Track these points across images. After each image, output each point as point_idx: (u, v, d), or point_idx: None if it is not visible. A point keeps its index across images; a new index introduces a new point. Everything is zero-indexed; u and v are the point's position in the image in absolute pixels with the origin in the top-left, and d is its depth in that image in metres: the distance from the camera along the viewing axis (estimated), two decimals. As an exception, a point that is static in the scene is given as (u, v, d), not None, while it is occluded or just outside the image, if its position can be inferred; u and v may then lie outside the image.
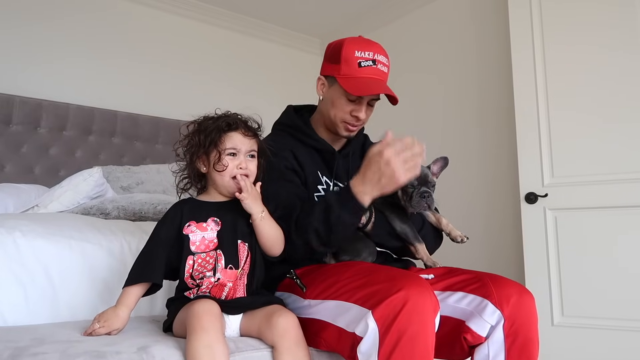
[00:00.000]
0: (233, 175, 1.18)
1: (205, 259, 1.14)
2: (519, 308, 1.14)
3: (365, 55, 1.28)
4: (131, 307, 1.11)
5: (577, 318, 2.18)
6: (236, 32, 3.57)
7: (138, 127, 2.95)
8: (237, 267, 1.15)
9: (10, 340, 1.01)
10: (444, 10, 3.20)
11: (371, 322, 0.97)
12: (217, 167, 1.18)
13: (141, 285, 1.13)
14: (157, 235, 1.17)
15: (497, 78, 2.84)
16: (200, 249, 1.14)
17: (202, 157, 1.20)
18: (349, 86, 1.27)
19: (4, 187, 2.21)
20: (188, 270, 1.13)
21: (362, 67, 1.27)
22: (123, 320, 1.09)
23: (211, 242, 1.15)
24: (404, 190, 1.28)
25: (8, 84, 2.59)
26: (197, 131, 1.21)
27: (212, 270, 1.13)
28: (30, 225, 1.39)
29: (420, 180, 1.28)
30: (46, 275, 1.33)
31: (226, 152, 1.18)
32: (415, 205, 1.28)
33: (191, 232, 1.15)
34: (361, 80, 1.28)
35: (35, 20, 2.75)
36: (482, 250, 2.81)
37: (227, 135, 1.19)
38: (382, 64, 1.30)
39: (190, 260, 1.13)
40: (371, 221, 1.29)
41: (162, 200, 2.09)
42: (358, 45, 1.30)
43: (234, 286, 1.15)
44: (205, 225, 1.17)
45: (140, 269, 1.13)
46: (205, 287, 1.13)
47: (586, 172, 2.21)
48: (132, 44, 3.09)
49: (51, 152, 2.66)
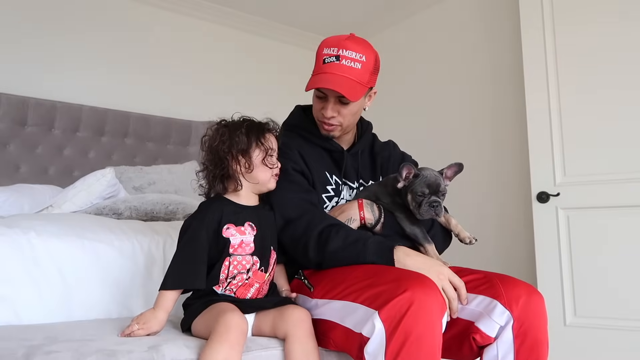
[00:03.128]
0: (275, 174, 1.24)
1: (241, 262, 1.16)
2: (528, 308, 1.13)
3: (329, 52, 1.29)
4: (169, 310, 1.12)
5: (590, 318, 2.16)
6: (246, 32, 3.59)
7: (150, 128, 2.99)
8: (266, 272, 1.19)
9: (24, 338, 1.03)
10: (453, 9, 3.19)
11: (378, 323, 0.98)
12: (269, 163, 1.20)
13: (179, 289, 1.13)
14: (197, 237, 1.14)
15: (507, 76, 2.82)
16: (237, 252, 1.16)
17: (239, 156, 1.19)
18: (309, 82, 1.30)
19: (20, 187, 2.26)
20: (224, 271, 1.15)
21: (326, 63, 1.28)
22: (161, 323, 1.11)
23: (248, 246, 1.17)
24: (413, 197, 1.27)
25: (23, 86, 2.64)
26: (237, 130, 1.20)
27: (246, 272, 1.16)
28: (44, 225, 1.42)
29: (431, 189, 1.26)
30: (60, 275, 1.36)
31: (271, 151, 1.22)
32: (423, 214, 1.26)
33: (231, 236, 1.16)
34: (319, 76, 1.28)
35: (49, 24, 2.79)
36: (493, 250, 2.79)
37: (268, 135, 1.23)
38: (349, 59, 1.27)
39: (226, 262, 1.15)
40: (380, 221, 1.29)
41: (173, 200, 2.11)
42: (328, 43, 1.31)
43: (260, 288, 1.18)
44: (244, 229, 1.18)
45: (183, 273, 1.11)
46: (235, 285, 1.15)
47: (599, 170, 2.19)
48: (144, 47, 3.13)
49: (65, 153, 2.71)
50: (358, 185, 1.42)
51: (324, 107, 1.32)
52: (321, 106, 1.33)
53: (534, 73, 2.38)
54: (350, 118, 1.35)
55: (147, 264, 1.50)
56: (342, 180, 1.40)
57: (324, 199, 1.35)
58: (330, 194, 1.36)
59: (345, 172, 1.40)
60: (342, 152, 1.40)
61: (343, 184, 1.40)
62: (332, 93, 1.29)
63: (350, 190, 1.41)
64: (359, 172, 1.43)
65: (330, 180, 1.37)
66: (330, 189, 1.36)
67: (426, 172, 1.28)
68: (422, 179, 1.27)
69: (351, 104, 1.31)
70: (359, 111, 1.38)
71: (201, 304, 1.13)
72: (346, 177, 1.40)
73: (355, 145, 1.45)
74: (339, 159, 1.40)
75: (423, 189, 1.25)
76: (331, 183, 1.37)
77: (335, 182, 1.38)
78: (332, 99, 1.30)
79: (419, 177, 1.27)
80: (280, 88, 3.57)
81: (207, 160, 1.22)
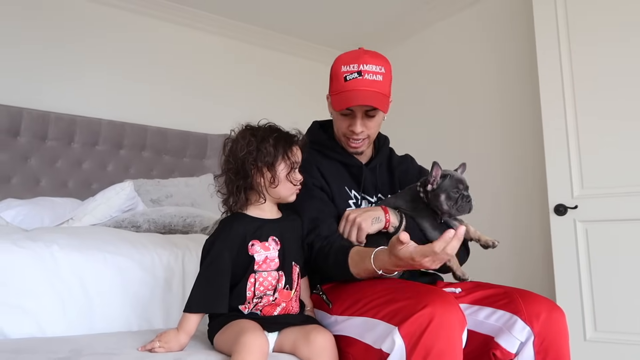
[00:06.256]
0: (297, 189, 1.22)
1: (267, 278, 1.14)
2: (550, 324, 1.13)
3: (350, 69, 1.30)
4: (192, 333, 1.11)
5: (611, 333, 2.12)
6: (260, 46, 3.64)
7: (167, 142, 3.03)
8: (291, 289, 1.17)
9: (50, 351, 1.05)
10: (466, 22, 3.20)
11: (398, 339, 0.98)
12: (293, 179, 1.18)
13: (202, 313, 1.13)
14: (220, 259, 1.12)
15: (523, 88, 2.82)
16: (262, 268, 1.15)
17: (264, 169, 1.15)
18: (335, 102, 1.32)
19: (40, 200, 2.30)
20: (250, 289, 1.13)
21: (348, 80, 1.29)
22: (182, 346, 1.10)
23: (272, 262, 1.16)
24: (448, 195, 1.29)
25: (44, 101, 2.71)
26: (265, 141, 1.15)
27: (272, 290, 1.15)
28: (67, 239, 1.45)
29: (464, 185, 1.31)
30: (82, 288, 1.38)
31: (296, 165, 1.19)
32: (461, 209, 1.30)
33: (256, 253, 1.14)
34: (345, 94, 1.29)
35: (69, 40, 2.87)
36: (511, 264, 2.77)
37: (295, 148, 1.20)
38: (371, 72, 1.29)
39: (252, 279, 1.13)
40: (402, 226, 1.29)
41: (190, 213, 2.14)
42: (345, 60, 1.32)
43: (287, 306, 1.17)
44: (268, 245, 1.16)
45: (205, 298, 1.10)
46: (262, 305, 1.14)
47: (617, 182, 2.16)
48: (160, 62, 3.19)
49: (84, 166, 2.76)
50: (377, 199, 1.43)
51: (352, 124, 1.34)
52: (348, 123, 1.34)
53: (550, 85, 2.37)
54: (377, 129, 1.40)
55: (166, 276, 1.52)
56: (361, 194, 1.41)
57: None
58: (352, 207, 1.37)
59: (364, 186, 1.41)
60: (361, 167, 1.41)
61: (362, 199, 1.41)
62: (360, 108, 1.31)
63: (369, 204, 1.42)
64: (377, 187, 1.44)
65: (350, 194, 1.38)
66: (351, 202, 1.37)
67: (452, 172, 1.34)
68: (453, 177, 1.31)
69: (377, 115, 1.34)
70: (382, 121, 1.41)
71: (224, 318, 1.13)
72: (365, 191, 1.41)
73: (374, 159, 1.46)
74: (358, 174, 1.41)
75: (458, 185, 1.30)
76: (351, 197, 1.38)
77: (355, 197, 1.39)
78: (359, 114, 1.32)
79: (447, 177, 1.31)
80: (297, 102, 3.61)
81: (229, 168, 1.17)
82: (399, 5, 3.21)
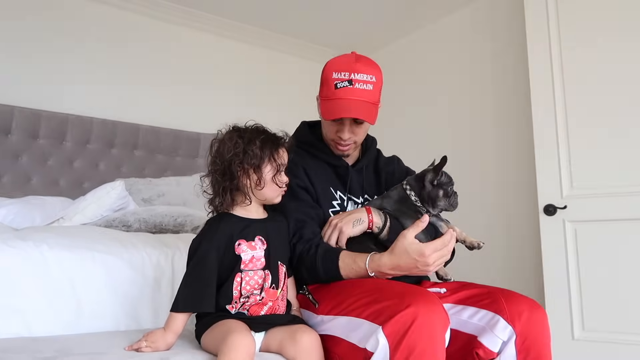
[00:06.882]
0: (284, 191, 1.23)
1: (253, 277, 1.15)
2: (531, 324, 1.14)
3: (341, 76, 1.29)
4: (179, 332, 1.12)
5: (598, 332, 2.15)
6: (255, 45, 3.64)
7: (159, 140, 3.03)
8: (278, 288, 1.18)
9: (36, 350, 1.06)
10: (460, 23, 3.22)
11: (381, 338, 0.99)
12: (278, 181, 1.19)
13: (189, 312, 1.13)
14: (206, 259, 1.12)
15: (513, 88, 2.84)
16: (248, 267, 1.15)
17: (250, 171, 1.16)
18: (324, 109, 1.33)
19: (31, 199, 2.30)
20: (236, 288, 1.14)
21: (338, 88, 1.29)
22: (169, 346, 1.11)
23: (258, 261, 1.17)
24: (445, 192, 1.32)
25: (35, 99, 2.69)
26: (252, 143, 1.16)
27: (259, 289, 1.16)
28: (56, 238, 1.45)
29: (452, 181, 1.35)
30: (71, 287, 1.38)
31: (282, 167, 1.20)
32: (454, 204, 1.35)
33: (243, 252, 1.15)
34: (335, 102, 1.29)
35: (59, 38, 2.86)
36: (500, 263, 2.79)
37: (282, 150, 1.21)
38: (362, 82, 1.29)
39: (238, 278, 1.14)
40: (386, 227, 1.30)
41: (181, 212, 2.14)
42: (337, 66, 1.32)
43: (273, 305, 1.18)
44: (254, 244, 1.17)
45: (192, 297, 1.11)
46: (249, 304, 1.15)
47: (606, 183, 2.18)
48: (154, 60, 3.18)
49: (75, 165, 2.75)
50: (363, 200, 1.45)
51: (340, 130, 1.35)
52: (336, 129, 1.36)
53: (540, 85, 2.39)
54: (364, 135, 1.42)
55: (155, 276, 1.53)
56: (347, 195, 1.42)
57: (330, 214, 1.37)
58: (336, 209, 1.38)
59: (350, 187, 1.42)
60: (347, 168, 1.43)
61: (348, 199, 1.42)
62: (349, 118, 1.32)
63: (355, 205, 1.44)
64: (364, 188, 1.45)
65: (335, 195, 1.39)
66: (335, 204, 1.39)
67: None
68: (445, 173, 1.35)
69: (365, 123, 1.35)
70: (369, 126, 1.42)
71: (211, 318, 1.14)
72: (351, 192, 1.43)
73: (360, 160, 1.48)
74: (344, 175, 1.42)
75: (451, 181, 1.34)
76: (336, 198, 1.39)
77: (340, 197, 1.40)
78: (347, 121, 1.33)
79: (442, 174, 1.35)
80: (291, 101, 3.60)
81: (215, 169, 1.18)
82: (393, 6, 3.22)
